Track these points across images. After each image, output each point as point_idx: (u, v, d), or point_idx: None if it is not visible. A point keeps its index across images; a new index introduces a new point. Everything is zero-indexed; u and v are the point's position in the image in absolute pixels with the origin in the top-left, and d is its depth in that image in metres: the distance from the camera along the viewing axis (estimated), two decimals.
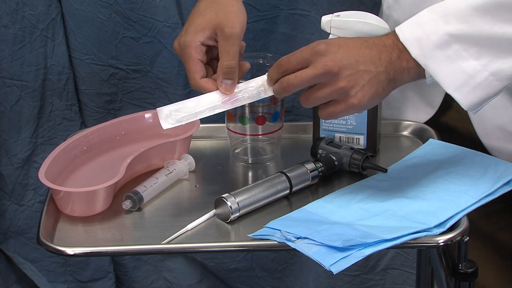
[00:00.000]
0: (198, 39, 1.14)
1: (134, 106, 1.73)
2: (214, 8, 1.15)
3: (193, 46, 1.14)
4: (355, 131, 1.32)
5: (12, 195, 1.73)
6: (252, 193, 1.19)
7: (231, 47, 1.15)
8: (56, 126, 1.71)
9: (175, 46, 1.17)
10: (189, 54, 1.15)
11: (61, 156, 1.27)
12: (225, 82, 1.15)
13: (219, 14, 1.15)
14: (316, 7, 1.69)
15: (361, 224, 1.13)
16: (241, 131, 1.33)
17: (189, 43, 1.14)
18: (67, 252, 1.13)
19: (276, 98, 1.30)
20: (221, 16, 1.15)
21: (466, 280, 1.17)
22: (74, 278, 1.83)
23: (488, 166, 1.22)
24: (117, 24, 1.65)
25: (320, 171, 1.25)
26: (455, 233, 1.11)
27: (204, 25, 1.15)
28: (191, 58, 1.15)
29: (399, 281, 1.93)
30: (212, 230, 1.17)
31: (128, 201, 1.20)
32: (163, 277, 1.91)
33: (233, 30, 1.15)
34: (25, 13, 1.60)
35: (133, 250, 1.16)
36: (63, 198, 1.20)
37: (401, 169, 1.27)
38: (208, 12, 1.15)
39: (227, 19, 1.15)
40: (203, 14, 1.15)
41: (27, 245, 1.77)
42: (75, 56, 1.67)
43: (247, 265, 1.89)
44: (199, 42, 1.15)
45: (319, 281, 1.92)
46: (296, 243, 1.09)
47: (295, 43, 1.72)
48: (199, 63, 1.16)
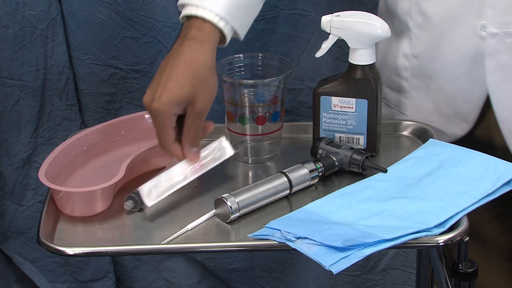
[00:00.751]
0: (173, 111, 1.15)
1: (134, 106, 1.73)
2: (192, 81, 1.15)
3: (167, 117, 1.15)
4: (355, 131, 1.32)
5: (12, 195, 1.73)
6: (252, 193, 1.19)
7: (199, 122, 1.18)
8: (56, 126, 1.71)
9: (147, 104, 1.16)
10: (164, 123, 1.16)
11: (61, 156, 1.27)
12: (191, 151, 1.20)
13: (195, 89, 1.15)
14: (316, 7, 1.69)
15: (361, 224, 1.13)
16: (241, 131, 1.33)
17: (163, 113, 1.15)
18: (67, 252, 1.13)
19: (277, 98, 1.31)
20: (196, 92, 1.15)
21: (466, 280, 1.17)
22: (74, 278, 1.83)
23: (488, 166, 1.22)
24: (117, 24, 1.65)
25: (320, 171, 1.25)
26: (455, 233, 1.11)
27: (181, 99, 1.15)
28: (164, 126, 1.16)
29: (399, 281, 1.93)
30: (212, 230, 1.17)
31: (130, 202, 1.20)
32: (163, 277, 1.91)
33: (205, 107, 1.17)
34: (25, 13, 1.60)
35: (133, 250, 1.16)
36: (63, 198, 1.20)
37: (401, 169, 1.27)
38: (186, 85, 1.15)
39: (201, 95, 1.16)
40: (182, 86, 1.15)
41: (27, 245, 1.77)
42: (75, 56, 1.67)
43: (247, 265, 1.89)
44: (173, 114, 1.16)
45: (319, 281, 1.92)
46: (296, 243, 1.09)
47: (295, 43, 1.72)
48: (171, 130, 1.17)
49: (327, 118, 1.33)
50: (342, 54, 1.70)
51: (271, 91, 1.30)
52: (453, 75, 1.31)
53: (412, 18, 1.34)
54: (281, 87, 1.31)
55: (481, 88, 1.29)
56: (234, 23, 1.20)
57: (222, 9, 1.18)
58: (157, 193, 1.20)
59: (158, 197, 1.19)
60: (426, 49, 1.33)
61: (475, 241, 1.26)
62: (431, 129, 1.37)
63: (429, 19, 1.31)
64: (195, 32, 1.17)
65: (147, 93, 1.17)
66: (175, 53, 1.17)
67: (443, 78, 1.33)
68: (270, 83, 1.30)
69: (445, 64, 1.31)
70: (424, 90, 1.36)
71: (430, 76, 1.34)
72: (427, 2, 1.31)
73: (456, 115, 1.34)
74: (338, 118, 1.32)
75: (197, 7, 1.18)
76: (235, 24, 1.20)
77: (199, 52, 1.16)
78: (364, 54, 1.28)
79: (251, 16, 1.24)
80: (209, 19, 1.17)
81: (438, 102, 1.35)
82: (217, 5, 1.18)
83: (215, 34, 1.18)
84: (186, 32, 1.18)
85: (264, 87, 1.30)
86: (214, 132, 1.31)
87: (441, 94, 1.34)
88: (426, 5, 1.31)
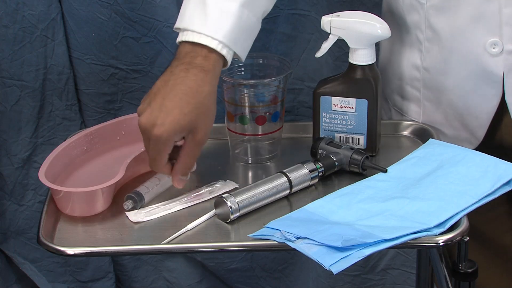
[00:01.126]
0: (174, 139, 1.14)
1: (134, 106, 1.73)
2: (196, 111, 1.14)
3: (168, 144, 1.14)
4: (355, 131, 1.32)
5: (12, 195, 1.73)
6: (252, 193, 1.19)
7: (197, 152, 1.17)
8: (56, 126, 1.71)
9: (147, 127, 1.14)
10: (162, 149, 1.15)
11: (61, 156, 1.27)
12: (181, 178, 1.19)
13: (198, 119, 1.14)
14: (316, 7, 1.69)
15: (361, 224, 1.13)
16: (241, 131, 1.33)
17: (164, 140, 1.13)
18: (67, 252, 1.13)
19: (277, 98, 1.31)
20: (199, 122, 1.14)
21: (466, 280, 1.17)
22: (74, 278, 1.83)
23: (488, 166, 1.22)
24: (117, 24, 1.65)
25: (320, 171, 1.25)
26: (455, 233, 1.11)
27: (184, 127, 1.14)
28: (161, 153, 1.15)
29: (399, 281, 1.93)
30: (212, 230, 1.17)
31: (130, 202, 1.20)
32: (163, 277, 1.91)
33: (205, 137, 1.16)
34: (25, 13, 1.60)
35: (133, 250, 1.16)
36: (63, 198, 1.20)
37: (401, 169, 1.27)
38: (191, 114, 1.13)
39: (203, 126, 1.15)
40: (186, 114, 1.13)
41: (27, 245, 1.77)
42: (75, 56, 1.67)
43: (247, 265, 1.89)
44: (173, 142, 1.15)
45: (319, 281, 1.92)
46: (296, 243, 1.09)
47: (295, 43, 1.72)
48: (166, 156, 1.16)
49: (327, 118, 1.33)
50: (342, 54, 1.70)
51: (271, 91, 1.30)
52: (462, 90, 1.30)
53: (422, 31, 1.33)
54: (281, 87, 1.31)
55: (489, 104, 1.28)
56: (236, 48, 1.19)
57: (224, 36, 1.17)
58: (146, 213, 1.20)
59: (146, 217, 1.20)
60: (436, 63, 1.32)
61: (476, 241, 1.26)
62: (431, 129, 1.37)
63: (438, 34, 1.30)
64: (201, 61, 1.15)
65: (145, 115, 1.14)
66: (180, 79, 1.15)
67: (452, 93, 1.32)
68: (270, 83, 1.30)
69: (455, 79, 1.30)
70: (435, 102, 1.35)
71: (440, 90, 1.33)
72: (436, 17, 1.30)
73: (465, 129, 1.33)
74: (338, 118, 1.32)
75: (199, 34, 1.16)
76: (237, 49, 1.19)
77: (205, 82, 1.15)
78: (364, 54, 1.28)
79: (251, 38, 1.23)
80: (213, 47, 1.16)
81: (448, 115, 1.34)
82: (220, 32, 1.16)
83: (219, 63, 1.17)
84: (191, 59, 1.16)
85: (264, 87, 1.30)
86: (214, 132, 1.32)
87: (450, 108, 1.33)
88: (435, 20, 1.30)
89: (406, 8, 1.34)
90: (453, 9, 1.27)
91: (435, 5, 1.29)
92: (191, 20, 1.18)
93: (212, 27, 1.16)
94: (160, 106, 1.14)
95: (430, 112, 1.37)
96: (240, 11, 1.18)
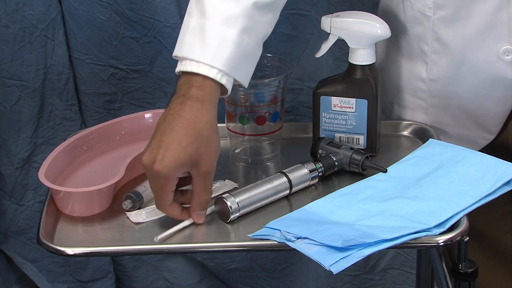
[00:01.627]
0: (176, 174, 1.11)
1: (134, 106, 1.73)
2: (196, 142, 1.11)
3: (170, 180, 1.11)
4: (355, 131, 1.32)
5: (12, 195, 1.73)
6: (252, 193, 1.19)
7: (208, 184, 1.14)
8: (56, 126, 1.71)
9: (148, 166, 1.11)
10: (164, 186, 1.12)
11: (61, 156, 1.27)
12: (200, 213, 1.16)
13: (199, 150, 1.11)
14: (316, 7, 1.69)
15: (361, 224, 1.13)
16: (241, 131, 1.33)
17: (165, 176, 1.11)
18: (67, 252, 1.13)
19: (277, 98, 1.31)
20: (201, 153, 1.11)
21: (466, 280, 1.17)
22: (74, 278, 1.83)
23: (488, 166, 1.22)
24: (117, 24, 1.65)
25: (320, 171, 1.25)
26: (455, 233, 1.11)
27: (184, 161, 1.11)
28: (165, 190, 1.12)
29: (399, 281, 1.93)
30: (212, 230, 1.17)
31: (128, 201, 1.20)
32: (163, 277, 1.91)
33: (210, 168, 1.13)
34: (25, 13, 1.60)
35: (133, 250, 1.16)
36: (63, 198, 1.20)
37: (401, 169, 1.27)
38: (190, 146, 1.10)
39: (206, 156, 1.12)
40: (185, 147, 1.10)
41: (27, 245, 1.77)
42: (75, 56, 1.67)
43: (247, 265, 1.89)
44: (175, 177, 1.12)
45: (319, 281, 1.92)
46: (296, 243, 1.09)
47: (295, 43, 1.72)
48: (170, 193, 1.13)
49: (327, 118, 1.33)
50: (342, 54, 1.70)
51: (271, 91, 1.30)
52: (473, 96, 1.29)
53: (428, 44, 1.31)
54: (281, 87, 1.31)
55: (505, 105, 1.28)
56: (236, 75, 1.16)
57: (224, 64, 1.14)
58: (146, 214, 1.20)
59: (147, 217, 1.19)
60: (445, 74, 1.31)
61: (477, 242, 1.26)
62: (431, 129, 1.37)
63: (447, 46, 1.29)
64: (196, 91, 1.13)
65: (146, 154, 1.12)
66: (176, 113, 1.12)
67: (463, 99, 1.31)
68: (270, 83, 1.30)
69: (466, 87, 1.29)
70: (443, 107, 1.34)
71: (450, 97, 1.32)
72: (445, 30, 1.28)
73: (478, 127, 1.33)
74: (338, 118, 1.32)
75: (197, 63, 1.14)
76: (238, 76, 1.17)
77: (201, 112, 1.12)
78: (364, 54, 1.28)
79: (252, 63, 1.20)
80: (211, 76, 1.13)
81: (458, 118, 1.33)
82: (219, 61, 1.14)
83: (216, 91, 1.15)
84: (186, 91, 1.14)
85: (264, 87, 1.30)
86: None
87: (461, 111, 1.32)
88: (444, 32, 1.28)
89: (409, 20, 1.33)
90: (463, 21, 1.26)
91: (444, 18, 1.28)
92: (190, 48, 1.15)
93: (211, 55, 1.14)
94: (159, 143, 1.11)
95: (438, 118, 1.36)
96: (240, 38, 1.16)
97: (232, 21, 1.15)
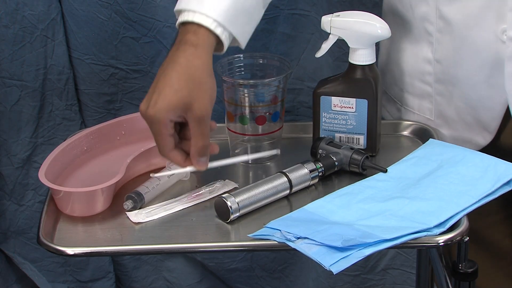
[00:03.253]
0: (168, 117, 1.12)
1: (134, 106, 1.73)
2: (188, 85, 1.12)
3: (163, 123, 1.12)
4: (355, 131, 1.32)
5: (12, 195, 1.73)
6: (252, 193, 1.19)
7: (203, 129, 1.14)
8: (56, 126, 1.71)
9: (143, 111, 1.14)
10: (159, 130, 1.13)
11: (61, 156, 1.27)
12: (200, 160, 1.16)
13: (192, 93, 1.12)
14: (316, 7, 1.69)
15: (361, 224, 1.13)
16: (241, 131, 1.33)
17: (158, 120, 1.12)
18: (67, 252, 1.13)
19: (277, 98, 1.31)
20: (193, 96, 1.12)
21: (466, 280, 1.17)
22: (74, 278, 1.83)
23: (488, 166, 1.22)
24: (117, 24, 1.65)
25: (320, 171, 1.25)
26: (455, 233, 1.11)
27: (176, 104, 1.11)
28: (161, 134, 1.13)
29: (399, 281, 1.93)
30: (212, 230, 1.17)
31: (130, 202, 1.20)
32: (163, 277, 1.91)
33: (204, 112, 1.13)
34: (25, 13, 1.60)
35: (133, 250, 1.16)
36: (63, 198, 1.20)
37: (401, 169, 1.27)
38: (182, 90, 1.11)
39: (199, 100, 1.12)
40: (177, 91, 1.11)
41: (27, 245, 1.77)
42: (75, 56, 1.67)
43: (247, 265, 1.89)
44: (169, 120, 1.13)
45: (319, 281, 1.92)
46: (296, 243, 1.09)
47: (295, 43, 1.72)
48: (169, 137, 1.14)
49: (327, 118, 1.33)
50: (342, 54, 1.70)
51: (271, 91, 1.30)
52: (474, 81, 1.29)
53: (432, 23, 1.31)
54: (281, 87, 1.31)
55: (502, 95, 1.28)
56: (233, 29, 1.17)
57: (220, 15, 1.15)
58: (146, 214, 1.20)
59: (147, 217, 1.19)
60: (448, 54, 1.31)
61: (477, 246, 1.26)
62: (431, 129, 1.37)
63: (450, 23, 1.29)
64: (190, 37, 1.14)
65: (143, 101, 1.14)
66: (170, 58, 1.14)
67: (464, 85, 1.31)
68: (270, 83, 1.30)
69: (466, 70, 1.29)
70: (447, 96, 1.34)
71: (452, 82, 1.32)
72: (448, 6, 1.29)
73: (478, 123, 1.32)
74: (338, 118, 1.32)
75: (193, 12, 1.15)
76: (234, 30, 1.17)
77: (194, 56, 1.13)
78: (364, 54, 1.28)
79: (251, 23, 1.22)
80: (206, 25, 1.15)
81: (460, 110, 1.33)
82: (215, 11, 1.15)
83: (210, 38, 1.16)
84: (181, 37, 1.15)
85: (264, 87, 1.30)
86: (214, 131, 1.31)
87: (463, 102, 1.32)
88: (447, 9, 1.29)
89: (413, 0, 1.34)
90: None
91: None
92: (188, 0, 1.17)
93: (207, 5, 1.15)
94: (154, 88, 1.13)
95: (442, 108, 1.36)
96: None
97: None
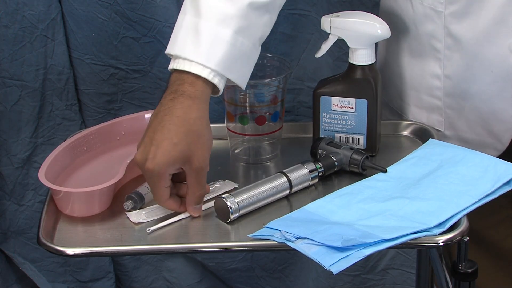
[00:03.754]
0: (168, 171, 1.13)
1: (134, 106, 1.73)
2: (187, 139, 1.12)
3: (162, 177, 1.13)
4: (355, 131, 1.32)
5: (12, 195, 1.73)
6: (252, 193, 1.19)
7: (201, 179, 1.15)
8: (56, 126, 1.71)
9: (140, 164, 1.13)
10: (157, 183, 1.13)
11: (61, 156, 1.27)
12: (195, 207, 1.18)
13: (191, 146, 1.12)
14: (316, 7, 1.69)
15: (361, 224, 1.13)
16: (241, 131, 1.33)
17: (158, 174, 1.12)
18: (67, 252, 1.13)
19: (277, 98, 1.31)
20: (192, 149, 1.12)
21: (466, 280, 1.17)
22: (74, 278, 1.83)
23: (488, 166, 1.22)
24: (117, 24, 1.65)
25: (320, 171, 1.25)
26: (455, 233, 1.11)
27: (176, 158, 1.12)
28: (159, 186, 1.14)
29: (399, 281, 1.93)
30: (212, 230, 1.17)
31: (130, 202, 1.20)
32: (163, 277, 1.91)
33: (203, 164, 1.14)
34: (25, 13, 1.60)
35: (133, 250, 1.16)
36: (63, 198, 1.20)
37: (401, 169, 1.27)
38: (181, 143, 1.12)
39: (198, 152, 1.13)
40: (176, 144, 1.11)
41: (27, 245, 1.77)
42: (75, 56, 1.67)
43: (247, 265, 1.89)
44: (168, 174, 1.13)
45: (319, 281, 1.92)
46: (296, 243, 1.09)
47: (295, 43, 1.72)
48: (166, 189, 1.15)
49: (327, 118, 1.33)
50: (342, 54, 1.70)
51: (271, 91, 1.30)
52: (486, 95, 1.28)
53: (440, 40, 1.30)
54: (281, 87, 1.31)
55: None
56: (231, 76, 1.17)
57: (218, 64, 1.14)
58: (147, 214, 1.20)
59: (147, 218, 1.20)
60: (459, 70, 1.30)
61: (477, 246, 1.26)
62: (431, 129, 1.37)
63: (460, 41, 1.28)
64: (187, 88, 1.14)
65: (139, 151, 1.14)
66: (167, 109, 1.13)
67: (476, 99, 1.30)
68: (270, 83, 1.30)
69: (478, 85, 1.29)
70: (458, 109, 1.33)
71: (463, 97, 1.31)
72: (457, 24, 1.27)
73: (490, 135, 1.32)
74: (338, 118, 1.32)
75: (190, 62, 1.14)
76: (232, 76, 1.17)
77: (192, 109, 1.13)
78: (364, 54, 1.28)
79: (249, 64, 1.21)
80: (203, 76, 1.14)
81: (471, 122, 1.32)
82: (213, 60, 1.14)
83: (208, 88, 1.15)
84: (177, 87, 1.14)
85: (264, 87, 1.30)
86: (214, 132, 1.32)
87: (474, 115, 1.31)
88: (456, 27, 1.28)
89: (418, 18, 1.32)
90: (475, 14, 1.25)
91: (455, 12, 1.27)
92: (183, 46, 1.16)
93: (204, 55, 1.14)
94: (151, 140, 1.13)
95: (452, 120, 1.35)
96: (234, 38, 1.16)
97: (226, 21, 1.16)
